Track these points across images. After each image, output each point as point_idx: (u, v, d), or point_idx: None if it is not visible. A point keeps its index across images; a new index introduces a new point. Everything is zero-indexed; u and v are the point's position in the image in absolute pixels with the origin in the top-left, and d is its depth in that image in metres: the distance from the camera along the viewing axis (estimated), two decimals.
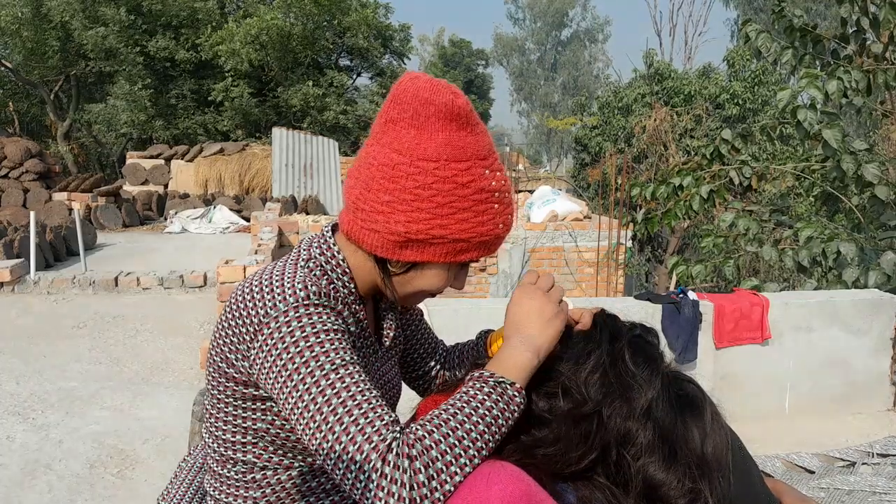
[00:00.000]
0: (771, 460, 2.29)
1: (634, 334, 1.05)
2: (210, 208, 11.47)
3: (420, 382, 1.35)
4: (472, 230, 0.97)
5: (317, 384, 0.87)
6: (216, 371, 1.03)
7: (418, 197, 0.94)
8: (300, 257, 1.04)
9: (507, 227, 1.02)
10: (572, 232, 7.74)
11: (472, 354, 1.30)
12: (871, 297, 3.63)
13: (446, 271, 1.02)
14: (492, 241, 1.00)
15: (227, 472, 1.07)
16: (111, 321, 5.58)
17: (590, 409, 0.94)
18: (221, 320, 1.01)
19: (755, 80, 13.84)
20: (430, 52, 39.67)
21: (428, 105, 0.94)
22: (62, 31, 16.39)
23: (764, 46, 4.71)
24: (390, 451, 0.81)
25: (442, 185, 0.94)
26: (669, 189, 4.74)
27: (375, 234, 0.97)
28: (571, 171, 18.61)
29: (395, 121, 0.96)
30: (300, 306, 0.92)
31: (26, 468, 3.14)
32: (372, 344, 1.13)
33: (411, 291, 1.05)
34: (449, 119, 0.94)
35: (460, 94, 0.96)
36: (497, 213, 0.99)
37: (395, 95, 0.96)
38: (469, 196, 0.95)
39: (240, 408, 1.02)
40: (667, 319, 3.39)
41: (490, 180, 0.97)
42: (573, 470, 0.93)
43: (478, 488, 0.83)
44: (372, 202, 0.96)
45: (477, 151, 0.97)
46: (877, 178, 4.15)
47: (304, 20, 16.78)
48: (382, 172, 0.95)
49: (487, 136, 1.01)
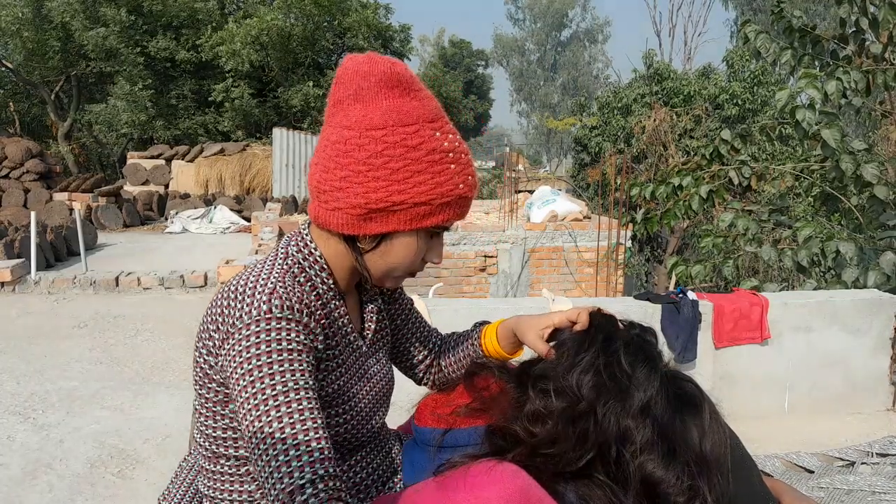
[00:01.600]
0: (770, 460, 2.29)
1: (632, 333, 1.06)
2: (211, 208, 11.47)
3: (414, 371, 1.34)
4: (431, 192, 0.97)
5: (266, 402, 0.90)
6: (200, 371, 1.04)
7: (372, 166, 0.95)
8: (278, 256, 1.05)
9: (469, 188, 1.02)
10: (572, 232, 7.74)
11: (467, 346, 1.30)
12: (871, 296, 3.63)
13: (415, 240, 1.02)
14: (455, 202, 1.01)
15: (219, 469, 1.07)
16: (112, 321, 5.59)
17: (584, 409, 0.95)
18: (203, 321, 1.03)
19: (754, 81, 13.84)
20: (430, 52, 39.65)
21: (368, 77, 0.96)
22: (63, 32, 16.39)
23: (763, 47, 4.71)
24: (301, 492, 0.83)
25: (393, 150, 0.95)
26: (669, 189, 4.74)
27: (338, 211, 0.99)
28: (571, 171, 18.61)
29: (341, 101, 0.99)
30: (262, 321, 0.93)
31: (27, 468, 3.14)
32: (355, 340, 1.13)
33: (386, 268, 1.05)
34: (390, 86, 0.96)
35: (398, 63, 0.98)
36: (455, 172, 0.99)
37: (338, 77, 0.99)
38: (422, 158, 0.96)
39: (226, 408, 1.03)
40: (666, 319, 3.39)
41: (441, 141, 0.98)
42: (574, 469, 0.94)
43: (478, 487, 0.84)
44: (330, 181, 0.98)
45: (423, 114, 0.98)
46: (876, 178, 4.15)
47: (304, 21, 16.77)
48: (336, 149, 0.98)
49: (433, 100, 1.02)
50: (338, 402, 1.07)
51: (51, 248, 7.59)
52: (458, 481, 0.87)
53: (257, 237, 7.85)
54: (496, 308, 3.48)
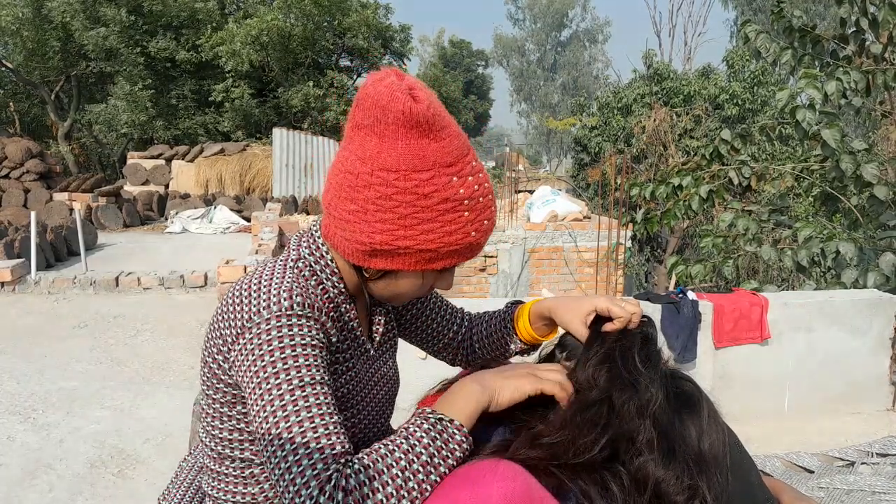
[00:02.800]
0: (770, 460, 2.29)
1: (642, 332, 1.06)
2: (211, 208, 11.47)
3: (447, 352, 1.32)
4: (438, 240, 0.94)
5: (281, 398, 0.88)
6: (209, 371, 1.03)
7: (381, 208, 0.92)
8: (289, 257, 1.04)
9: (481, 234, 0.98)
10: (572, 232, 7.74)
11: (500, 326, 1.28)
12: (871, 297, 3.63)
13: (421, 278, 1.01)
14: (464, 249, 0.97)
15: (224, 470, 1.07)
16: (112, 321, 5.59)
17: (597, 396, 0.95)
18: (213, 321, 1.03)
19: (754, 81, 13.85)
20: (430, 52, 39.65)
21: (386, 112, 0.89)
22: (63, 32, 16.39)
23: (763, 47, 4.71)
24: (329, 482, 0.82)
25: (403, 196, 0.91)
26: (669, 189, 4.75)
27: (346, 241, 0.97)
28: (571, 171, 18.61)
29: (359, 126, 0.93)
30: (283, 316, 0.93)
31: (27, 468, 3.14)
32: (363, 343, 1.13)
33: (390, 296, 1.05)
34: (408, 126, 0.90)
35: (421, 99, 0.90)
36: (467, 220, 0.95)
37: (359, 99, 0.93)
38: (433, 206, 0.92)
39: (233, 409, 1.03)
40: (666, 319, 3.39)
41: (457, 188, 0.93)
42: (588, 458, 0.93)
43: (479, 486, 0.84)
44: (341, 210, 0.96)
45: (441, 159, 0.92)
46: (876, 178, 4.15)
47: (304, 21, 16.77)
48: (348, 180, 0.94)
49: (456, 139, 0.94)
50: (348, 406, 1.08)
51: (51, 248, 7.59)
52: (459, 479, 0.87)
53: (257, 237, 7.85)
54: (496, 308, 3.48)
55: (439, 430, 0.90)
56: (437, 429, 0.90)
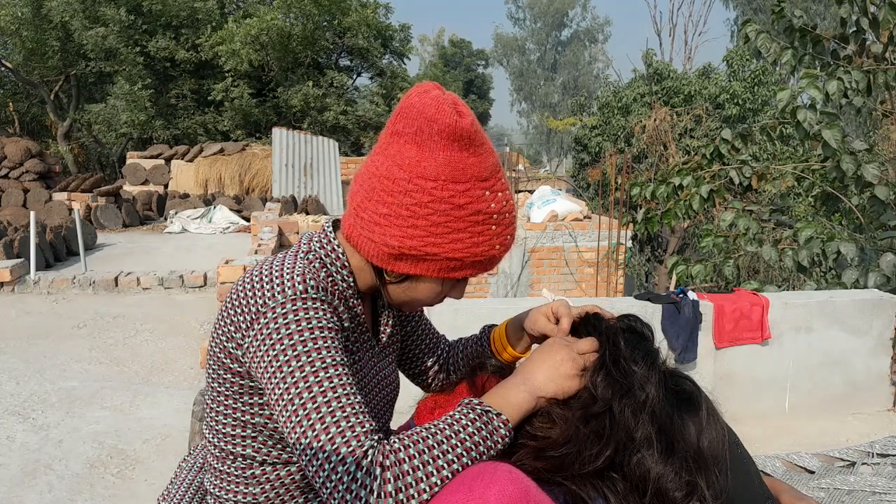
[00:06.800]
0: (771, 460, 2.29)
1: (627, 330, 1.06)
2: (210, 208, 11.47)
3: (422, 378, 1.35)
4: (465, 250, 0.97)
5: (305, 380, 0.89)
6: (216, 363, 1.04)
7: (414, 214, 0.95)
8: (300, 250, 1.05)
9: (505, 248, 1.02)
10: (572, 232, 7.74)
11: (474, 350, 1.30)
12: (871, 297, 3.63)
13: (440, 285, 1.04)
14: (486, 261, 1.01)
15: (227, 468, 1.07)
16: (111, 321, 5.58)
17: (599, 409, 0.95)
18: (222, 311, 1.03)
19: (755, 81, 13.85)
20: (430, 52, 39.68)
21: (431, 123, 0.93)
22: (62, 32, 16.40)
23: (763, 47, 4.70)
24: (365, 457, 0.83)
25: (438, 205, 0.94)
26: (669, 189, 4.74)
27: (372, 243, 0.99)
28: (571, 171, 18.61)
29: (399, 133, 0.96)
30: (297, 299, 0.94)
31: (26, 468, 3.14)
32: (368, 340, 1.14)
33: (405, 300, 1.07)
34: (451, 139, 0.94)
35: (466, 115, 0.95)
36: (494, 234, 0.99)
37: (402, 109, 0.96)
38: (465, 217, 0.96)
39: (239, 401, 1.03)
40: (667, 319, 3.39)
41: (489, 202, 0.97)
42: (592, 469, 0.93)
43: (477, 489, 0.83)
44: (371, 212, 0.98)
45: (478, 173, 0.96)
46: (876, 178, 4.14)
47: (304, 20, 16.78)
48: (383, 185, 0.96)
49: (492, 156, 0.99)
50: None
51: (50, 248, 7.58)
52: (457, 481, 0.87)
53: (257, 237, 7.84)
54: (496, 308, 3.48)
55: (485, 420, 0.92)
56: (482, 419, 0.92)
